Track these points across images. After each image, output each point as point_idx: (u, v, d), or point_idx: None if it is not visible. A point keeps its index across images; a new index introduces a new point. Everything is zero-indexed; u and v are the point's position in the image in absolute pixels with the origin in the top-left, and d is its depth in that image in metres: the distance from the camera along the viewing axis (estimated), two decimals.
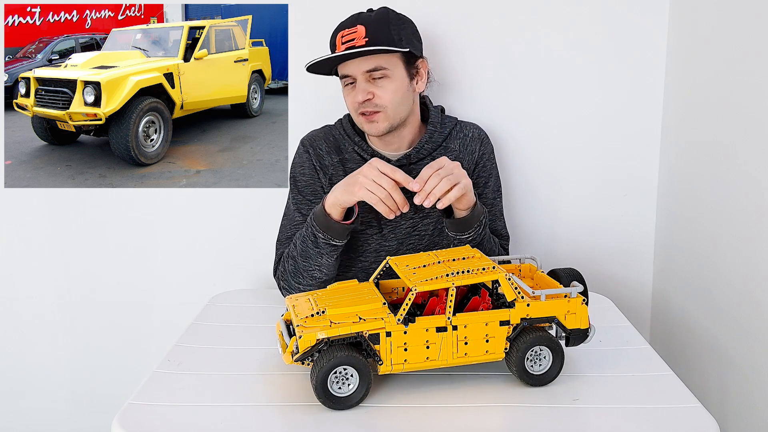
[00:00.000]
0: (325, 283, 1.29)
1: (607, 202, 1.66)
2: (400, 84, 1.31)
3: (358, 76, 1.29)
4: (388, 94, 1.30)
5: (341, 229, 1.24)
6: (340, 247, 1.26)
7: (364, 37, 1.26)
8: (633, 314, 1.65)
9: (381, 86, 1.29)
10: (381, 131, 1.32)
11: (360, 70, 1.28)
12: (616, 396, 0.95)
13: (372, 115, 1.30)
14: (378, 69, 1.28)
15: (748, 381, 1.28)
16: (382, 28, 1.27)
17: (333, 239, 1.24)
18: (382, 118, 1.31)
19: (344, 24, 1.30)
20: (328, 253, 1.26)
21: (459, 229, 1.25)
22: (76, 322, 1.73)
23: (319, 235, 1.24)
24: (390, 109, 1.31)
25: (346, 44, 1.27)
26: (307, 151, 1.41)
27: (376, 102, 1.30)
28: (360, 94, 1.29)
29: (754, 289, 1.25)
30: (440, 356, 0.94)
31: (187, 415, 0.91)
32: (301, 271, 1.29)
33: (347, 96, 1.33)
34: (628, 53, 1.59)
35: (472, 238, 1.26)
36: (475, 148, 1.42)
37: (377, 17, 1.29)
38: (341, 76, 1.32)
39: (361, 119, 1.32)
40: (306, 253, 1.27)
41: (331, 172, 1.39)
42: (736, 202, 1.30)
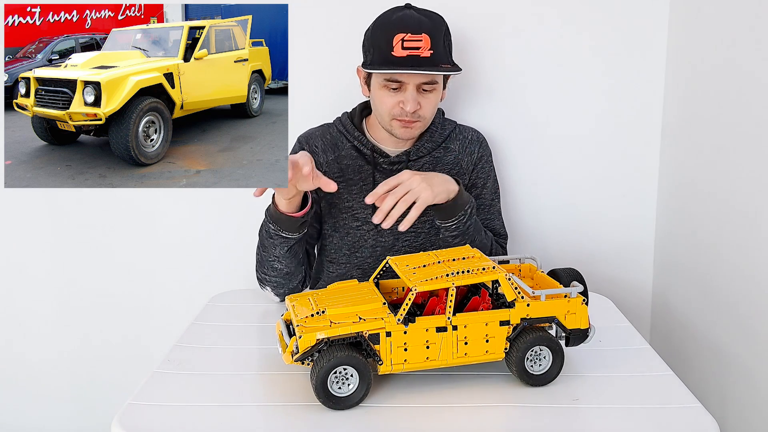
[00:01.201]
0: (289, 276, 1.29)
1: (607, 202, 1.66)
2: (438, 96, 1.34)
3: (410, 86, 1.28)
4: (431, 106, 1.32)
5: (288, 221, 1.22)
6: (292, 239, 1.25)
7: (429, 48, 1.25)
8: (633, 314, 1.66)
9: (428, 98, 1.31)
10: (413, 137, 1.36)
11: (417, 81, 1.28)
12: (616, 396, 0.95)
13: (411, 123, 1.31)
14: (433, 83, 1.29)
15: (748, 381, 1.28)
16: (441, 41, 1.27)
17: (282, 231, 1.23)
18: (419, 127, 1.33)
19: (405, 26, 1.25)
20: (281, 245, 1.26)
21: (442, 217, 1.27)
22: (76, 322, 1.73)
23: (270, 226, 1.25)
24: (427, 120, 1.34)
25: (409, 51, 1.24)
26: (302, 148, 1.41)
27: (420, 113, 1.30)
28: (410, 104, 1.28)
29: (754, 289, 1.25)
30: (440, 356, 0.94)
31: (187, 415, 0.91)
32: (264, 261, 1.30)
33: (387, 98, 1.30)
34: (628, 53, 1.59)
35: (455, 227, 1.27)
36: (474, 149, 1.43)
37: (437, 27, 1.28)
38: (388, 79, 1.28)
39: (395, 123, 1.32)
40: (263, 244, 1.29)
41: (325, 169, 1.39)
42: (736, 202, 1.30)
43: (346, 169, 1.38)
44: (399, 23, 1.26)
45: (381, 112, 1.33)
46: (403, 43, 1.24)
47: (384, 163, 1.38)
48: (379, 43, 1.27)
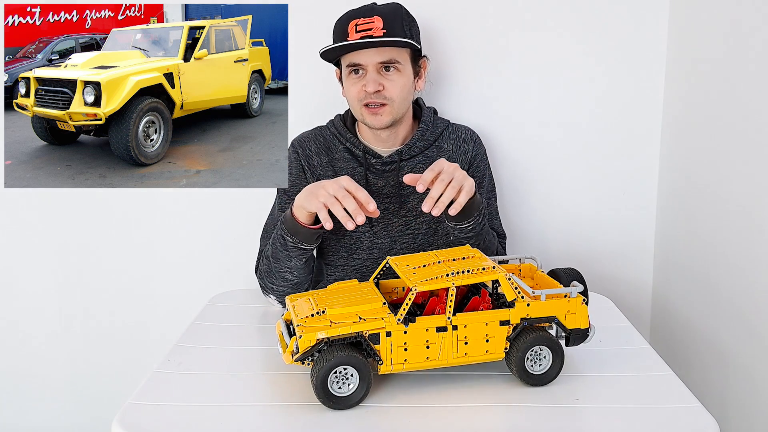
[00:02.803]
0: (297, 285, 1.28)
1: (607, 202, 1.66)
2: (407, 80, 1.32)
3: (370, 67, 1.29)
4: (396, 88, 1.31)
5: (308, 233, 1.21)
6: (309, 251, 1.25)
7: (382, 28, 1.26)
8: (633, 314, 1.65)
9: (391, 79, 1.30)
10: (384, 124, 1.33)
11: (374, 60, 1.29)
12: (616, 396, 0.95)
13: (378, 108, 1.31)
14: (392, 62, 1.29)
15: (748, 381, 1.28)
16: (397, 22, 1.29)
17: (301, 243, 1.22)
18: (387, 112, 1.32)
19: (358, 13, 1.29)
20: (297, 256, 1.24)
21: (459, 219, 1.24)
22: (76, 322, 1.73)
23: (288, 238, 1.23)
24: (396, 104, 1.32)
25: (362, 33, 1.27)
26: (296, 152, 1.41)
27: (384, 94, 1.30)
28: (371, 85, 1.28)
29: (754, 288, 1.25)
30: (440, 356, 0.94)
31: (187, 415, 0.91)
32: (274, 272, 1.28)
33: (352, 85, 1.32)
34: (628, 53, 1.59)
35: (471, 227, 1.25)
36: (468, 148, 1.42)
37: (392, 10, 1.30)
38: (348, 65, 1.31)
39: (364, 111, 1.32)
40: (276, 255, 1.26)
41: (320, 172, 1.39)
42: (735, 201, 1.30)
43: (340, 171, 1.38)
44: (353, 12, 1.31)
45: (352, 103, 1.35)
46: (356, 27, 1.28)
47: (376, 164, 1.38)
48: (338, 34, 1.31)
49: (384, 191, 1.37)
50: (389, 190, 1.37)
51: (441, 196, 1.12)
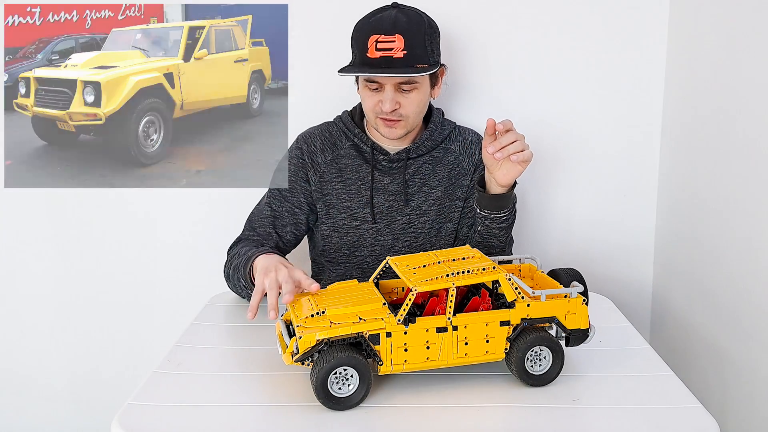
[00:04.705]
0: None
1: (607, 202, 1.66)
2: (424, 95, 1.32)
3: (387, 86, 1.28)
4: (413, 105, 1.31)
5: None
6: None
7: (403, 49, 1.24)
8: (633, 314, 1.65)
9: (408, 98, 1.30)
10: (397, 136, 1.34)
11: (392, 81, 1.28)
12: (616, 396, 0.95)
13: (394, 122, 1.31)
14: (411, 83, 1.29)
15: (748, 381, 1.28)
16: (419, 40, 1.26)
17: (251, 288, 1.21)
18: (402, 126, 1.32)
19: (379, 27, 1.26)
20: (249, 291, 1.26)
21: (496, 207, 1.27)
22: (76, 322, 1.73)
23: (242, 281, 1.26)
24: (411, 119, 1.33)
25: (382, 52, 1.24)
26: (300, 148, 1.41)
27: (401, 112, 1.30)
28: (387, 104, 1.28)
29: (754, 288, 1.25)
30: (440, 356, 0.94)
31: (186, 415, 0.91)
32: (233, 284, 1.33)
33: (368, 98, 1.31)
34: (628, 53, 1.59)
35: (506, 217, 1.28)
36: (474, 151, 1.43)
37: (414, 26, 1.26)
38: (365, 79, 1.30)
39: (379, 121, 1.33)
40: (232, 280, 1.31)
41: (323, 169, 1.39)
42: (736, 201, 1.30)
43: (345, 168, 1.38)
44: (374, 24, 1.27)
45: (366, 111, 1.35)
46: (376, 44, 1.25)
47: (383, 161, 1.38)
48: (358, 45, 1.29)
49: (389, 188, 1.38)
50: (394, 187, 1.38)
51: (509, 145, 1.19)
